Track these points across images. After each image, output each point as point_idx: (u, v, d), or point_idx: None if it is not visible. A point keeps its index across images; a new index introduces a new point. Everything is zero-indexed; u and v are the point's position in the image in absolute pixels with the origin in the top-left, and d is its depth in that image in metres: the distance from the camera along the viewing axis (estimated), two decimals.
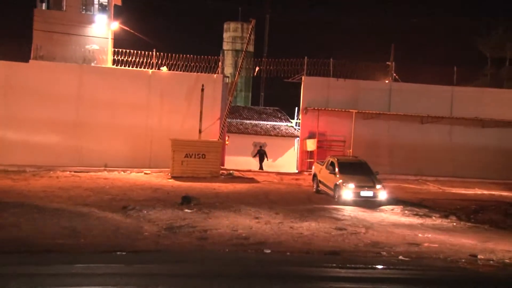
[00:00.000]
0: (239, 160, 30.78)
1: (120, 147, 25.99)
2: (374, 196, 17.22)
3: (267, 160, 30.32)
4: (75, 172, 23.12)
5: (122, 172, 24.01)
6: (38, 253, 9.50)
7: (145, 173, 24.01)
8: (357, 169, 18.17)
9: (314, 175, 20.08)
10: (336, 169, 18.15)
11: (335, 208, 16.32)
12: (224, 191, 19.67)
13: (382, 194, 17.38)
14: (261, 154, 30.36)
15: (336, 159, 18.81)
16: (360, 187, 17.26)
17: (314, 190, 19.78)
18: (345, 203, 16.92)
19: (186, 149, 23.21)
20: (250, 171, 27.61)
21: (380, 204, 17.06)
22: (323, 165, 19.45)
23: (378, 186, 17.44)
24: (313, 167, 21.01)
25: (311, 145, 27.63)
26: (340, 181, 17.51)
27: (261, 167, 29.81)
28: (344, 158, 20.03)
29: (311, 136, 27.84)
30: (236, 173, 25.02)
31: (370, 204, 16.94)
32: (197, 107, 25.75)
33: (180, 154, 23.09)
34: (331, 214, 15.29)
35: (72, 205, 14.90)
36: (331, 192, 18.09)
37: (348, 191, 17.14)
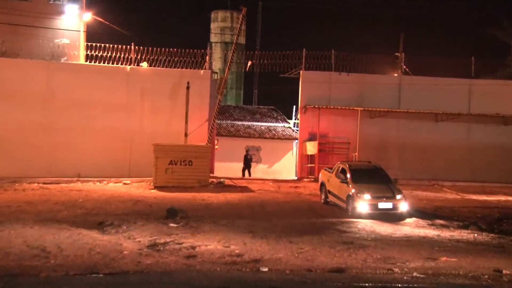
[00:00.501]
0: (231, 166, 30.81)
1: (95, 154, 25.91)
2: (394, 208, 16.82)
3: (252, 167, 30.56)
4: (43, 183, 23.00)
5: (98, 183, 23.95)
6: (2, 277, 9.35)
7: (124, 183, 23.97)
8: (373, 176, 17.87)
9: (322, 184, 19.60)
10: (348, 177, 17.72)
11: (345, 221, 16.12)
12: (214, 202, 19.63)
13: (403, 206, 16.97)
14: (247, 160, 30.45)
15: (347, 165, 18.38)
16: (378, 197, 16.84)
17: (322, 201, 19.36)
18: (360, 217, 16.59)
19: (170, 155, 23.20)
20: (243, 178, 27.72)
21: (401, 217, 16.74)
22: (332, 172, 19.03)
23: (398, 196, 17.01)
24: (319, 175, 20.59)
25: (311, 148, 27.65)
26: (354, 191, 17.10)
27: (244, 174, 29.98)
28: (357, 164, 19.61)
29: (312, 138, 27.88)
30: (227, 182, 25.05)
31: (390, 217, 16.59)
32: (182, 107, 25.73)
33: (163, 161, 23.05)
34: (336, 227, 15.17)
35: (40, 222, 14.72)
36: (343, 204, 17.70)
37: (363, 203, 16.73)
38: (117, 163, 25.88)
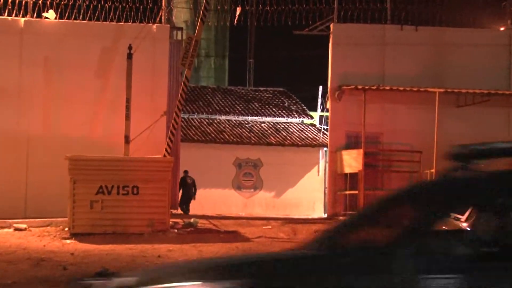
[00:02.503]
0: (209, 195, 31.14)
1: None
2: None
3: (194, 198, 30.86)
4: None
5: None
6: None
7: (17, 229, 23.80)
8: None
9: None
10: None
11: None
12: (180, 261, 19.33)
13: None
14: (186, 186, 30.75)
15: None
16: None
17: None
18: None
19: (99, 176, 23.18)
20: (230, 217, 27.94)
21: None
22: None
23: None
24: None
25: (351, 161, 27.89)
26: None
27: (186, 209, 30.43)
28: None
29: (352, 143, 28.31)
30: (202, 223, 25.11)
31: None
32: (120, 90, 25.79)
33: (87, 188, 23.02)
34: None
35: None
36: None
37: None
38: (2, 194, 25.72)
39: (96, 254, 19.84)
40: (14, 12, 26.84)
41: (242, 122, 36.11)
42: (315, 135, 35.50)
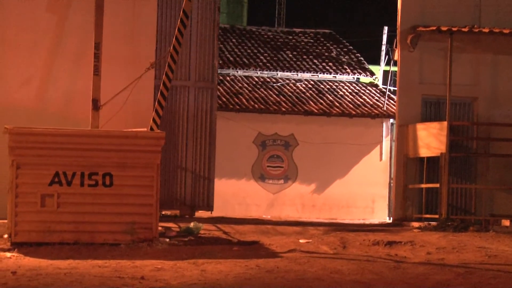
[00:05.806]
0: (218, 188, 31.63)
1: None
2: None
3: None
4: None
5: None
6: None
7: None
8: None
9: None
10: None
11: None
12: None
13: None
14: None
15: None
16: None
17: None
18: None
19: (55, 159, 23.30)
20: (248, 221, 28.85)
21: None
22: None
23: None
24: None
25: (430, 139, 28.81)
26: None
27: None
28: None
29: (430, 113, 29.57)
30: (206, 230, 25.62)
31: None
32: (86, 31, 26.11)
33: (37, 175, 23.14)
34: None
35: None
36: None
37: None
38: None
39: (49, 274, 19.76)
40: None
41: (268, 79, 36.47)
42: (376, 100, 36.09)
